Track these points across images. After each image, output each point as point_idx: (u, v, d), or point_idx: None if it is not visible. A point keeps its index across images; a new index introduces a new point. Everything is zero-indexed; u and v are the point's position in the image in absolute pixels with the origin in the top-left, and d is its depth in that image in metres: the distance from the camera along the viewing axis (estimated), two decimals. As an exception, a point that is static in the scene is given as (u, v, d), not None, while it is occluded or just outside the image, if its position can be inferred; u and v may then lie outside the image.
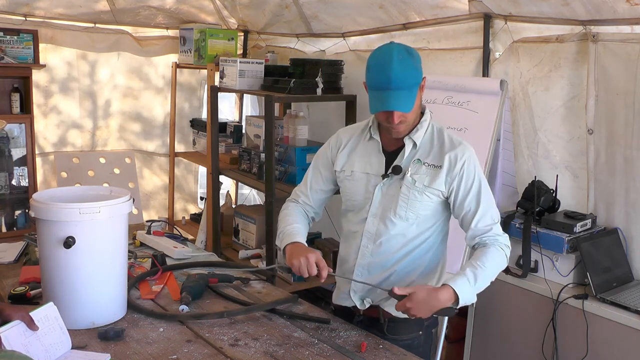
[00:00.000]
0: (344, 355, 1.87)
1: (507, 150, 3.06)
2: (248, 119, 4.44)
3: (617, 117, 2.72)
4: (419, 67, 1.89)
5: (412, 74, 1.85)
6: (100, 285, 2.00)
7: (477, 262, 1.89)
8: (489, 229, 1.96)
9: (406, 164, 1.98)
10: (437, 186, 1.95)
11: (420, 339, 2.05)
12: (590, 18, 2.73)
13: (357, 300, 2.09)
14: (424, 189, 1.95)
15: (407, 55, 1.86)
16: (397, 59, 1.83)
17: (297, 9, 4.12)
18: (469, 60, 3.33)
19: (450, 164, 1.94)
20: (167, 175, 5.18)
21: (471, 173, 1.95)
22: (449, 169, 1.94)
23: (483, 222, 1.96)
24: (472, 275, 1.86)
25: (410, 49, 1.90)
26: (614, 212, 2.79)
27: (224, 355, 1.85)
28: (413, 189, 1.96)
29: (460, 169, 1.94)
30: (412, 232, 1.99)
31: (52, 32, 4.43)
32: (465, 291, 1.84)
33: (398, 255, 2.02)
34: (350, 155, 2.09)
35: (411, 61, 1.85)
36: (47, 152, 4.67)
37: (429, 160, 1.97)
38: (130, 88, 4.96)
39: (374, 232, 2.02)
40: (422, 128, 1.98)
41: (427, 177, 1.95)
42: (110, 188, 2.23)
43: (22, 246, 2.76)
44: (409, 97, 1.85)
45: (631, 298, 2.54)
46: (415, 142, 1.98)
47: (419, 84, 1.88)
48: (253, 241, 4.18)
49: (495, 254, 1.92)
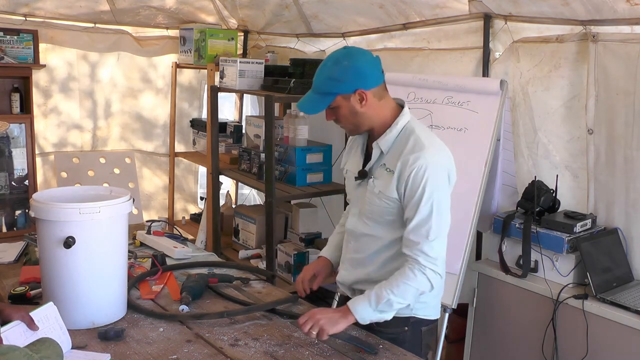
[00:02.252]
0: (344, 355, 1.87)
1: (507, 150, 3.05)
2: (248, 119, 4.44)
3: (617, 117, 2.72)
4: (342, 79, 1.89)
5: (326, 84, 1.91)
6: (100, 285, 2.00)
7: (387, 287, 1.89)
8: (417, 243, 1.88)
9: (374, 169, 2.01)
10: (390, 193, 1.93)
11: (406, 334, 2.05)
12: (590, 18, 2.73)
13: (347, 291, 2.17)
14: (379, 194, 1.97)
15: (332, 64, 1.91)
16: (323, 65, 1.94)
17: (297, 9, 4.12)
18: (469, 60, 3.33)
19: (402, 169, 1.90)
20: (167, 175, 5.18)
21: (418, 182, 1.87)
22: (400, 173, 1.91)
23: (414, 234, 1.89)
24: (375, 300, 1.88)
25: (344, 60, 1.91)
26: (614, 212, 2.79)
27: (224, 355, 1.85)
28: (372, 193, 1.99)
29: (409, 175, 1.88)
30: (384, 234, 2.01)
31: (52, 32, 4.43)
32: (365, 313, 1.89)
33: (374, 255, 2.05)
34: (349, 154, 2.19)
35: (330, 71, 1.91)
36: (47, 152, 4.67)
37: (389, 165, 1.96)
38: (130, 88, 4.96)
39: (353, 229, 2.10)
40: (392, 133, 1.97)
41: (383, 182, 1.95)
42: (110, 188, 2.23)
43: (22, 246, 2.76)
44: (318, 101, 1.94)
45: (631, 298, 2.54)
46: (381, 148, 1.98)
47: (336, 94, 1.91)
48: (253, 241, 4.18)
49: (408, 280, 1.88)
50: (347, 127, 2.03)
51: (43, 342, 1.60)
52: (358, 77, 1.90)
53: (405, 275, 1.88)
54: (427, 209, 1.87)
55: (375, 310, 1.89)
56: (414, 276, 1.87)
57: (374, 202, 1.98)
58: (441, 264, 1.91)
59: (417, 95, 3.17)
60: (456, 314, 3.10)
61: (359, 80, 1.90)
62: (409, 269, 1.88)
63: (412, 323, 2.06)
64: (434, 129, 3.07)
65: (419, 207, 1.87)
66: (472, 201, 2.86)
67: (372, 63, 1.95)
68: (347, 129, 2.05)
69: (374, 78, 1.93)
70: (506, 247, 2.92)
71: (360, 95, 1.91)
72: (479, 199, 2.86)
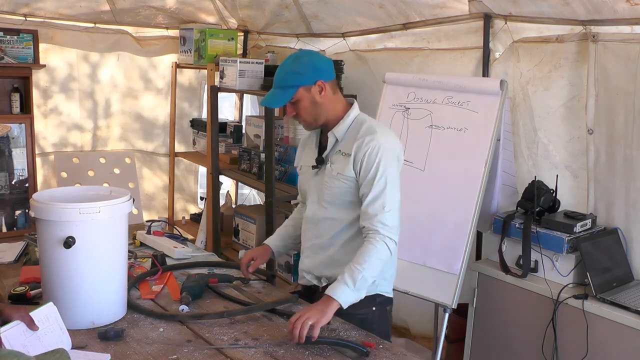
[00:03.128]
0: (344, 355, 1.87)
1: (507, 150, 3.05)
2: (248, 119, 4.44)
3: (617, 117, 2.72)
4: (303, 72, 2.10)
5: (289, 77, 2.11)
6: (100, 285, 2.00)
7: (356, 265, 2.00)
8: (375, 215, 2.04)
9: (330, 156, 2.19)
10: (347, 172, 2.11)
11: (375, 314, 2.18)
12: (590, 18, 2.73)
13: (314, 280, 2.27)
14: (338, 176, 2.14)
15: (291, 62, 2.13)
16: (282, 64, 2.16)
17: (297, 9, 4.12)
18: (469, 60, 3.33)
19: (357, 151, 2.09)
20: (167, 175, 5.18)
21: (372, 160, 2.06)
22: (355, 155, 2.10)
23: (372, 207, 2.06)
24: (350, 280, 1.98)
25: (303, 56, 2.15)
26: (614, 212, 2.79)
27: (224, 355, 1.85)
28: (331, 177, 2.16)
29: (363, 155, 2.08)
30: (343, 216, 2.17)
31: (52, 32, 4.43)
32: (346, 296, 1.97)
33: (334, 237, 2.19)
34: (301, 152, 2.37)
35: (291, 67, 2.12)
36: (47, 152, 4.67)
37: (344, 150, 2.15)
38: (130, 88, 4.95)
39: (311, 216, 2.24)
40: (345, 123, 2.17)
41: (340, 164, 2.14)
42: (110, 188, 2.23)
43: (22, 246, 2.76)
44: (281, 95, 2.12)
45: (631, 298, 2.54)
46: (336, 136, 2.18)
47: (298, 86, 2.09)
48: (253, 241, 4.18)
49: (372, 252, 2.01)
50: (307, 120, 2.18)
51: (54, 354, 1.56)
52: (317, 70, 2.12)
53: (368, 250, 2.02)
54: (381, 183, 2.06)
55: (354, 291, 1.99)
56: (375, 247, 2.02)
57: (334, 184, 2.15)
58: (396, 232, 2.08)
59: (417, 95, 3.17)
60: (456, 314, 3.10)
61: (318, 73, 2.12)
62: (369, 242, 2.04)
63: (379, 303, 2.20)
64: (434, 129, 3.07)
65: (374, 183, 2.06)
66: (472, 201, 2.87)
67: (326, 60, 2.22)
68: (306, 123, 2.20)
69: (329, 72, 2.16)
70: (506, 247, 2.92)
71: (320, 86, 2.12)
72: (479, 199, 2.86)
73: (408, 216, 2.99)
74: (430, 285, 2.93)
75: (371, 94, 3.74)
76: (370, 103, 3.66)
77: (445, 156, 3.01)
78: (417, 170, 3.07)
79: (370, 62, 3.89)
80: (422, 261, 2.98)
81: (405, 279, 2.86)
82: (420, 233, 2.98)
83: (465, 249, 2.86)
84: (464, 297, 2.99)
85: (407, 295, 2.98)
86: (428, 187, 3.02)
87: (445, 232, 2.92)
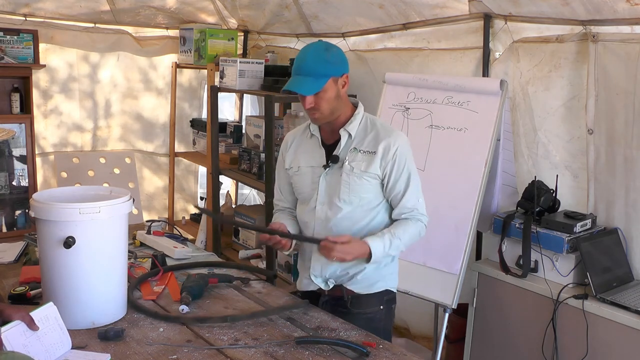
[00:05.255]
0: (344, 356, 1.87)
1: (507, 150, 3.06)
2: (248, 119, 4.44)
3: (617, 117, 2.72)
4: (336, 62, 2.10)
5: (322, 66, 2.07)
6: (100, 285, 2.00)
7: (397, 232, 2.14)
8: (414, 207, 2.18)
9: (344, 154, 2.18)
10: (373, 170, 2.14)
11: (382, 312, 2.24)
12: (590, 18, 2.73)
13: (321, 283, 2.24)
14: (361, 174, 2.14)
15: (322, 51, 2.10)
16: (313, 51, 2.11)
17: (297, 9, 4.12)
18: (469, 60, 3.33)
19: (385, 151, 2.13)
20: (167, 176, 5.18)
21: (402, 159, 2.15)
22: (383, 154, 2.13)
23: (410, 202, 2.18)
24: (389, 242, 2.12)
25: (332, 47, 2.14)
26: (614, 212, 2.79)
27: (224, 355, 1.85)
28: (352, 175, 2.15)
29: (393, 155, 2.13)
30: (358, 214, 2.18)
31: (52, 32, 4.43)
32: (378, 252, 2.10)
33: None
34: (296, 153, 2.29)
35: (325, 55, 2.09)
36: (47, 152, 4.67)
37: (364, 148, 2.16)
38: (130, 88, 4.95)
39: (324, 218, 2.20)
40: (356, 120, 2.19)
41: (364, 162, 2.15)
42: (110, 188, 2.23)
43: (22, 246, 2.76)
44: (314, 83, 2.07)
45: (631, 298, 2.54)
46: (350, 133, 2.18)
47: (330, 76, 2.08)
48: (253, 241, 4.18)
49: (413, 230, 2.18)
50: (324, 113, 2.13)
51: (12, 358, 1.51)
52: (344, 62, 2.14)
53: (409, 226, 2.17)
54: (413, 180, 2.18)
55: (386, 253, 2.13)
56: (416, 227, 2.19)
57: (354, 182, 2.15)
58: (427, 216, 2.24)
59: (417, 95, 3.17)
60: (456, 314, 3.10)
61: (345, 65, 2.14)
62: (412, 221, 2.18)
63: (386, 301, 2.25)
64: (434, 129, 3.08)
65: (410, 181, 2.17)
66: (472, 201, 2.87)
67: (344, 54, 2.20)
68: (322, 116, 2.14)
69: (348, 66, 2.17)
70: (506, 247, 2.92)
71: (344, 79, 2.14)
72: (479, 199, 2.86)
73: (408, 216, 3.01)
74: (430, 285, 2.93)
75: (371, 94, 3.74)
76: (370, 103, 3.64)
77: (445, 156, 3.01)
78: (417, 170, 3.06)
79: (370, 62, 3.89)
80: (422, 261, 2.98)
81: (405, 279, 2.84)
82: (420, 233, 2.98)
83: (465, 249, 2.86)
84: (464, 297, 2.99)
85: (407, 295, 2.98)
86: (428, 187, 2.98)
87: (445, 232, 2.92)
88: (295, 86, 2.10)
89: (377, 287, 2.21)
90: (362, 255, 2.09)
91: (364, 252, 2.08)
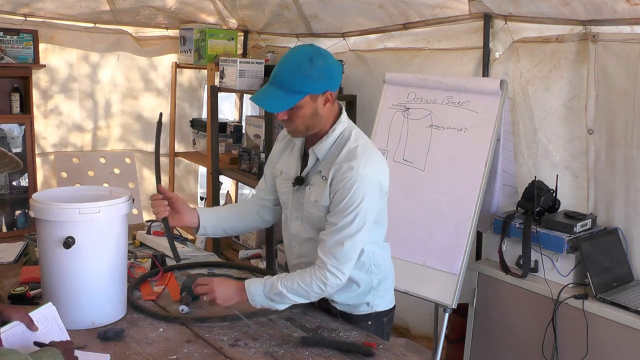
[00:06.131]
0: (344, 356, 1.87)
1: (507, 150, 3.05)
2: (248, 119, 4.44)
3: (617, 117, 2.72)
4: (317, 78, 1.83)
5: (299, 80, 1.81)
6: (100, 285, 2.00)
7: (284, 281, 1.92)
8: (331, 248, 1.88)
9: (311, 175, 1.98)
10: (324, 201, 1.92)
11: (371, 329, 2.09)
12: (590, 18, 2.73)
13: None
14: (315, 203, 1.95)
15: (305, 62, 1.82)
16: (293, 60, 1.83)
17: (297, 9, 4.12)
18: (469, 60, 3.33)
19: (334, 177, 1.89)
20: (167, 176, 5.18)
21: (347, 191, 1.85)
22: (332, 181, 1.89)
23: (332, 240, 1.89)
24: (269, 286, 1.93)
25: (319, 59, 1.84)
26: (614, 212, 2.79)
27: (223, 355, 1.85)
28: (309, 202, 1.98)
29: (340, 182, 1.86)
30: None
31: (52, 32, 4.43)
32: (258, 297, 1.94)
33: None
34: (282, 155, 2.13)
35: (305, 68, 1.81)
36: (47, 152, 4.67)
37: (324, 172, 1.93)
38: (130, 88, 4.96)
39: (296, 234, 2.08)
40: (329, 139, 1.94)
41: (319, 189, 1.93)
42: (110, 188, 2.23)
43: (22, 246, 2.76)
44: (284, 99, 1.82)
45: (631, 298, 2.54)
46: (317, 155, 1.96)
47: (306, 94, 1.83)
48: (253, 241, 4.18)
49: (304, 285, 1.90)
50: (298, 129, 1.93)
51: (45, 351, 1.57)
52: (330, 78, 1.87)
53: (303, 278, 1.91)
54: (350, 218, 1.87)
55: (267, 298, 1.94)
56: (310, 283, 1.90)
57: (312, 210, 1.97)
58: (348, 268, 1.91)
59: (417, 95, 3.17)
60: (456, 314, 3.10)
61: (330, 82, 1.87)
62: (310, 275, 1.90)
63: (374, 317, 2.11)
64: (434, 129, 3.07)
65: (343, 215, 1.87)
66: (472, 201, 2.87)
67: (339, 66, 1.94)
68: (295, 131, 1.95)
69: (339, 81, 1.94)
70: (506, 247, 2.92)
71: (327, 97, 1.88)
72: (479, 199, 2.86)
73: (408, 216, 3.01)
74: (430, 285, 2.93)
75: (371, 94, 3.75)
76: (370, 103, 3.66)
77: (445, 156, 3.01)
78: (417, 170, 3.07)
79: (370, 62, 3.89)
80: (422, 261, 2.98)
81: (405, 279, 2.86)
82: (420, 233, 2.98)
83: (465, 249, 2.86)
84: (464, 297, 2.99)
85: (407, 295, 2.97)
86: (428, 187, 3.02)
87: (445, 232, 2.92)
88: (262, 99, 1.87)
89: (360, 310, 2.08)
90: (240, 296, 1.96)
91: (240, 293, 1.96)
